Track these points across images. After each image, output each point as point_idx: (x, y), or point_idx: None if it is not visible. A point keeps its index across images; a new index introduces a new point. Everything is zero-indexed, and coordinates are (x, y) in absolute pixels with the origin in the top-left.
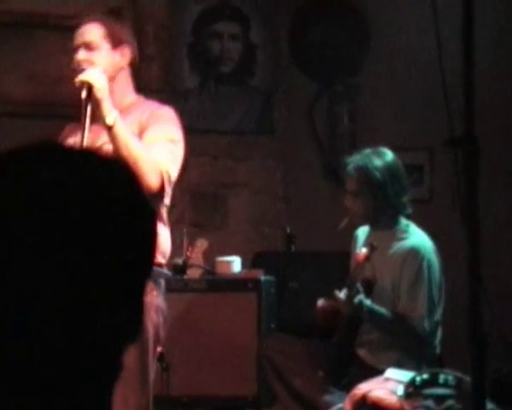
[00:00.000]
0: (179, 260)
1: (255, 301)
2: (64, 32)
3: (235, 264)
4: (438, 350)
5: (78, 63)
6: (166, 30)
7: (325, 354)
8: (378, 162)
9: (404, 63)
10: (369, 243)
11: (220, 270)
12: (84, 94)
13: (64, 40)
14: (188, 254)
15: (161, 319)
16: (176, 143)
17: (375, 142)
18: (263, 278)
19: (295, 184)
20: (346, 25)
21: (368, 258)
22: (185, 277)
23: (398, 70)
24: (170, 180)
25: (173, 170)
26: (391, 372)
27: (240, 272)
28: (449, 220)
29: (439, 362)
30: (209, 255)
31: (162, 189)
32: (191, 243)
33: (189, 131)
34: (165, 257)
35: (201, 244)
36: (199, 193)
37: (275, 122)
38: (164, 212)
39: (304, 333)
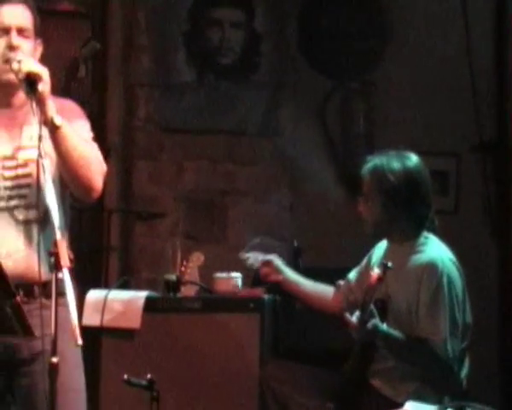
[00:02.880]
0: (172, 277)
1: (257, 323)
2: None
3: (236, 281)
4: (464, 383)
5: (12, 48)
6: (160, 17)
7: (335, 383)
8: (396, 165)
9: (428, 57)
10: (382, 263)
11: (218, 288)
12: (27, 87)
13: None
14: (182, 269)
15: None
16: (94, 141)
17: (394, 145)
18: (266, 297)
19: (303, 191)
20: (362, 13)
21: (381, 279)
22: (179, 295)
23: (420, 65)
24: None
25: None
26: (410, 406)
27: (240, 291)
28: (477, 234)
29: (464, 394)
30: (206, 271)
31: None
32: (186, 258)
33: (185, 130)
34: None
35: (197, 259)
36: (195, 201)
37: (281, 122)
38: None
39: (311, 359)
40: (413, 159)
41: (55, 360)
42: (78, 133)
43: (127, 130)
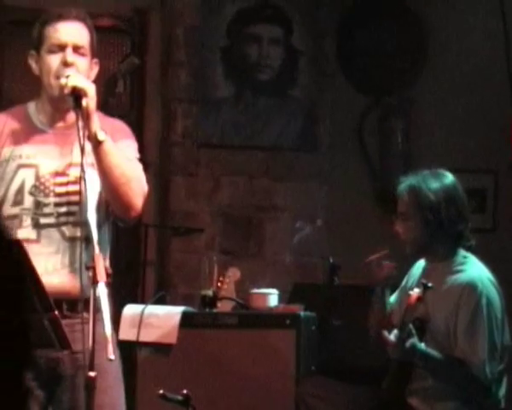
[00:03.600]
0: (209, 292)
1: (293, 340)
2: None
3: (272, 297)
4: (502, 403)
5: (67, 65)
6: (198, 32)
7: (372, 401)
8: (433, 184)
9: (466, 73)
10: (422, 283)
11: (254, 304)
12: (73, 102)
13: None
14: (218, 285)
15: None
16: (140, 162)
17: (432, 162)
18: (302, 313)
19: (340, 208)
20: (400, 29)
21: (420, 299)
22: (215, 310)
23: (458, 81)
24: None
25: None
26: None
27: (277, 307)
28: None
29: None
30: (242, 287)
31: (141, 211)
32: (222, 273)
33: (222, 146)
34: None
35: (233, 274)
36: (231, 217)
37: (318, 138)
38: None
39: (348, 376)
40: (449, 176)
41: (92, 374)
42: (123, 152)
43: (165, 145)
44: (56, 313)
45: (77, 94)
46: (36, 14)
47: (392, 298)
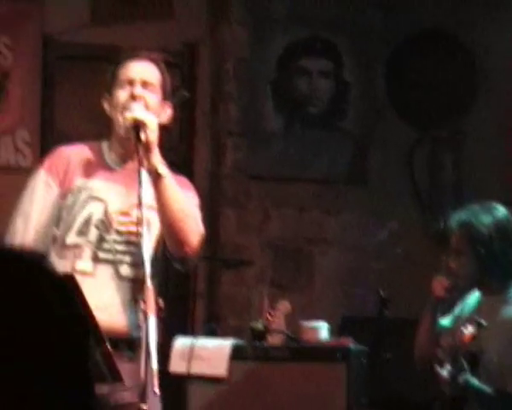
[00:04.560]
0: (259, 325)
1: (344, 373)
2: None
3: (322, 330)
4: None
5: (134, 98)
6: (248, 65)
7: None
8: (485, 218)
9: None
10: (475, 321)
11: (305, 337)
12: (134, 135)
13: None
14: (268, 317)
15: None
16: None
17: (483, 195)
18: (353, 346)
19: (391, 241)
20: (450, 61)
21: (474, 337)
22: (265, 343)
23: (509, 113)
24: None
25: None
26: None
27: (327, 340)
28: None
29: None
30: (292, 320)
31: (197, 253)
32: (272, 306)
33: (272, 178)
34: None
35: (284, 307)
36: (281, 249)
37: (368, 171)
38: None
39: None
40: (501, 210)
41: (144, 407)
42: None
43: (214, 178)
44: (108, 346)
45: (138, 126)
46: (86, 49)
47: (445, 322)
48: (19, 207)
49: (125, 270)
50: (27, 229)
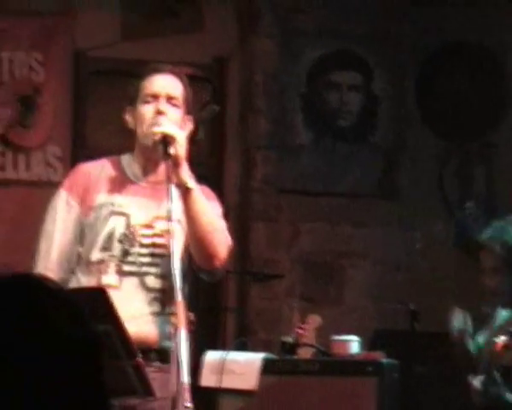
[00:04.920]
0: (289, 339)
1: (375, 388)
2: None
3: (353, 344)
4: None
5: (159, 113)
6: (277, 79)
7: None
8: None
9: None
10: (509, 331)
11: (336, 350)
12: (163, 149)
13: None
14: (298, 331)
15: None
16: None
17: None
18: (385, 360)
19: (421, 255)
20: (480, 73)
21: (507, 347)
22: (295, 357)
23: None
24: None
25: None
26: None
27: (358, 354)
28: None
29: None
30: (322, 333)
31: (225, 265)
32: (302, 320)
33: (302, 192)
34: None
35: (314, 321)
36: (311, 263)
37: (398, 185)
38: None
39: None
40: None
41: None
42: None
43: (244, 191)
44: (140, 359)
45: (166, 141)
46: (117, 64)
47: (480, 338)
48: (42, 228)
49: (152, 281)
50: (50, 250)
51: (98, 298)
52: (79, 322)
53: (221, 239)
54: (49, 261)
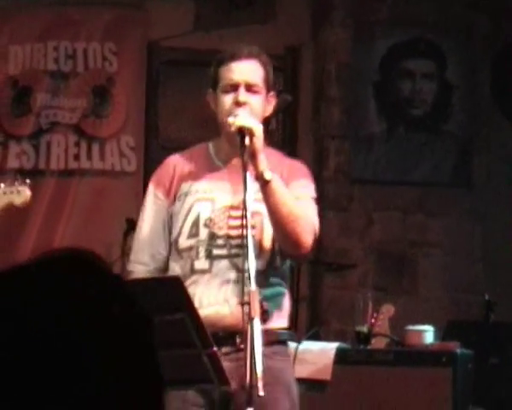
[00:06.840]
0: (363, 328)
1: (450, 378)
2: None
3: (428, 334)
4: None
5: (239, 104)
6: (350, 68)
7: None
8: None
9: None
10: None
11: (410, 340)
12: (239, 140)
13: None
14: (372, 321)
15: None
16: (316, 202)
17: None
18: (459, 351)
19: (496, 245)
20: None
21: None
22: (369, 347)
23: None
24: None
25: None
26: None
27: (433, 344)
28: None
29: None
30: (396, 324)
31: (312, 249)
32: (376, 309)
33: (375, 182)
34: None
35: (387, 310)
36: (385, 253)
37: (473, 174)
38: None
39: None
40: None
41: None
42: (293, 191)
43: (317, 181)
44: (215, 349)
45: (243, 133)
46: (190, 54)
47: None
48: (137, 224)
49: (242, 263)
50: (141, 244)
51: (174, 287)
52: (128, 302)
53: (304, 227)
54: (141, 255)
